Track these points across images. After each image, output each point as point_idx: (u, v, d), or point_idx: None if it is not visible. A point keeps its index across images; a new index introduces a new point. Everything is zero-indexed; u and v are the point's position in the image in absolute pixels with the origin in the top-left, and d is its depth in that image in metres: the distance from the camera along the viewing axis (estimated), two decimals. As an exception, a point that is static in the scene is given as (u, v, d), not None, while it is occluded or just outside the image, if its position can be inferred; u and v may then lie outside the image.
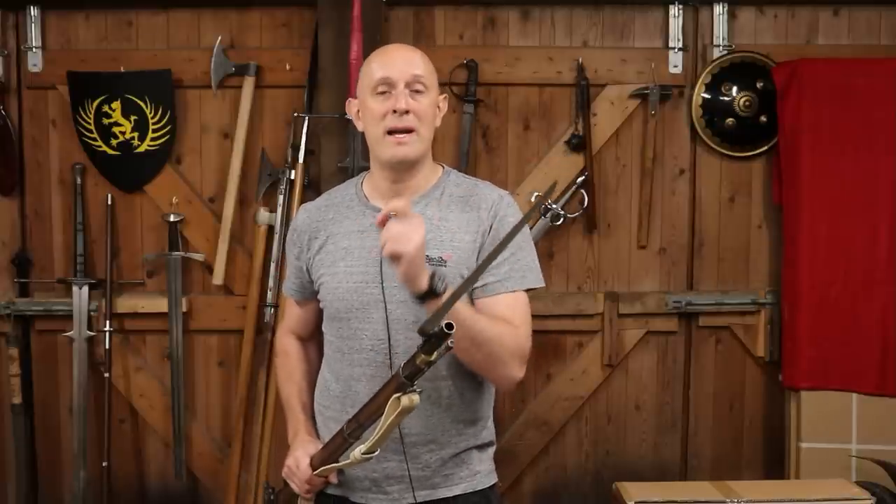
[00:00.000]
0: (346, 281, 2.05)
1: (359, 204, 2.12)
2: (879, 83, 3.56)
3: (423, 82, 2.02)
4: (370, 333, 2.01)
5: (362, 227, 2.07)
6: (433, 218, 2.02)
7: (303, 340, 2.32)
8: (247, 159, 3.67)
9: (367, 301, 2.02)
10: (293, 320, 2.31)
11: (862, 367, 3.60)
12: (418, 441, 2.03)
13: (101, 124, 3.65)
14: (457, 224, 2.03)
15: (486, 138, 3.74)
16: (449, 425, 2.05)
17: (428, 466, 2.05)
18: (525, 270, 2.04)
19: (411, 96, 2.00)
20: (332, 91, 3.50)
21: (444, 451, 2.06)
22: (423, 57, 2.07)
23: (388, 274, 1.96)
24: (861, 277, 3.60)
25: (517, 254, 2.03)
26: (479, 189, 2.11)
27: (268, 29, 3.71)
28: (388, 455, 2.00)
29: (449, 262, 1.97)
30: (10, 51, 3.69)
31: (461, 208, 2.05)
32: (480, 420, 2.12)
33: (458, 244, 2.01)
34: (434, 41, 3.71)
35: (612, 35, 3.74)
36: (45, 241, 3.76)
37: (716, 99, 3.71)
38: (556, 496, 3.86)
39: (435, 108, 2.07)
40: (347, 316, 2.05)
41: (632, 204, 3.77)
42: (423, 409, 1.95)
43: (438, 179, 2.10)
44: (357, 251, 2.05)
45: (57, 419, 3.81)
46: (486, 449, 2.15)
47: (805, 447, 3.60)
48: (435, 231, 2.00)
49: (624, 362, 3.81)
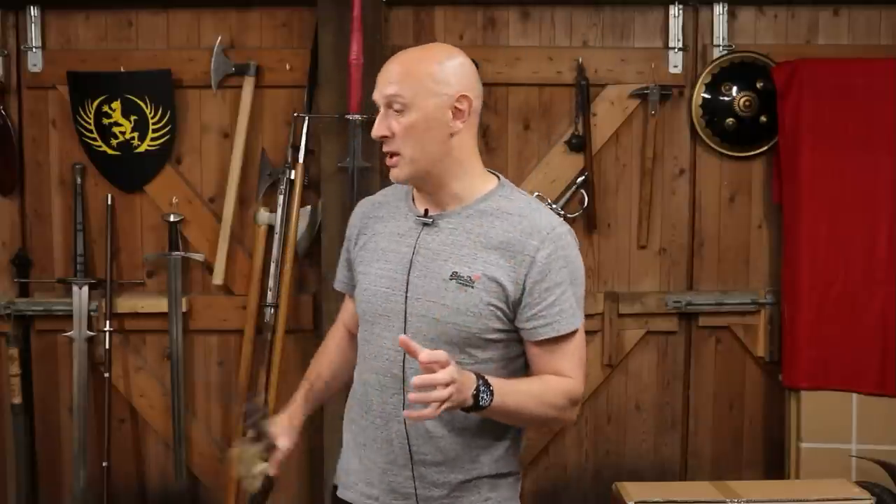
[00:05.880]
0: (376, 284, 1.96)
1: (405, 205, 2.00)
2: (879, 83, 3.56)
3: (400, 101, 1.85)
4: (389, 342, 1.91)
5: (402, 231, 1.97)
6: (471, 232, 1.89)
7: (352, 335, 2.17)
8: (247, 159, 3.67)
9: (391, 309, 1.93)
10: (346, 313, 2.20)
11: (862, 367, 3.60)
12: (428, 461, 1.94)
13: (101, 124, 3.65)
14: (496, 245, 1.87)
15: (486, 138, 3.74)
16: (462, 450, 1.93)
17: (436, 487, 1.95)
18: (574, 308, 1.90)
19: (393, 116, 1.87)
20: (332, 91, 3.50)
21: (454, 476, 1.94)
22: (410, 68, 1.88)
23: (414, 283, 1.90)
24: (861, 277, 3.60)
25: (567, 292, 1.89)
26: (533, 212, 1.92)
27: (268, 29, 3.70)
28: (398, 469, 1.95)
29: (476, 282, 1.86)
30: (10, 51, 3.69)
31: (507, 228, 1.88)
32: (498, 448, 1.97)
33: (492, 267, 1.86)
34: (434, 41, 3.70)
35: (612, 35, 3.74)
36: (45, 241, 3.76)
37: (716, 99, 3.71)
38: (556, 496, 3.86)
39: (430, 122, 1.86)
40: (371, 320, 1.97)
41: (632, 204, 3.77)
42: (436, 429, 1.90)
43: (489, 192, 1.93)
44: (392, 255, 1.95)
45: (57, 419, 3.81)
46: (504, 479, 2.00)
47: (805, 447, 3.60)
48: (470, 247, 1.88)
49: (624, 362, 3.81)
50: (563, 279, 1.88)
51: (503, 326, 1.89)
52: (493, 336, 1.89)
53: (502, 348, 1.92)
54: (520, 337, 1.92)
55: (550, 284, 1.86)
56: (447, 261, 1.89)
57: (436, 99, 1.86)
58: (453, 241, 1.90)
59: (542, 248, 1.86)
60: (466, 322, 1.87)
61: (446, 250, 1.90)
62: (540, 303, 1.87)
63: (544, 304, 1.87)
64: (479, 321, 1.87)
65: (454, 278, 1.87)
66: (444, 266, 1.89)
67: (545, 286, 1.86)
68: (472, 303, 1.86)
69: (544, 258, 1.86)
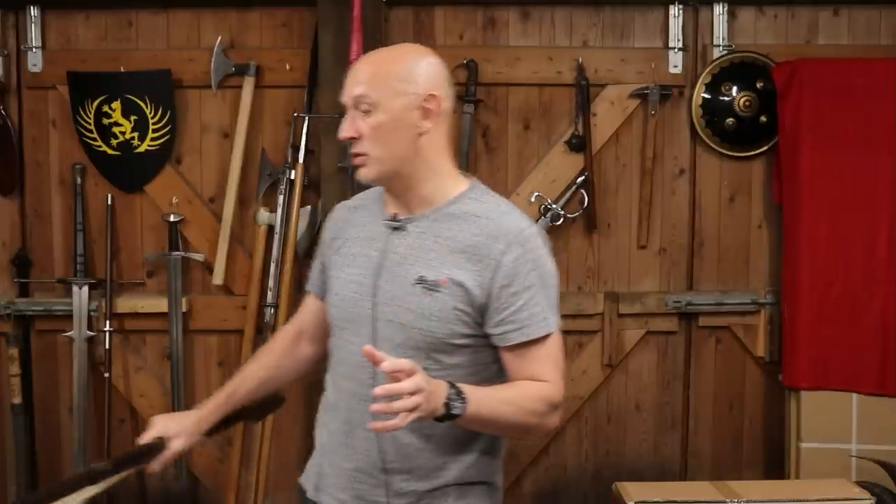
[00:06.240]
0: (345, 289, 1.95)
1: (378, 208, 1.98)
2: (879, 83, 3.56)
3: (367, 102, 1.84)
4: (357, 348, 1.82)
5: (372, 235, 1.94)
6: (440, 235, 1.87)
7: (304, 336, 2.17)
8: (247, 159, 3.67)
9: (359, 314, 1.91)
10: (304, 310, 2.18)
11: (862, 367, 3.59)
12: (395, 468, 1.90)
13: (101, 124, 3.65)
14: (463, 248, 1.85)
15: (486, 138, 3.74)
16: (430, 457, 1.89)
17: (403, 495, 1.91)
18: (546, 311, 1.86)
19: (360, 117, 1.85)
20: (332, 91, 3.47)
21: (421, 484, 1.90)
22: (377, 69, 1.87)
23: (382, 288, 1.88)
24: (861, 277, 3.60)
25: (537, 296, 1.85)
26: (502, 214, 1.89)
27: (268, 29, 3.71)
28: (364, 476, 1.92)
29: (443, 287, 1.83)
30: (10, 51, 3.69)
31: (475, 231, 1.86)
32: (468, 455, 1.92)
33: (458, 271, 1.84)
34: (434, 41, 3.70)
35: (612, 35, 3.74)
36: (45, 241, 3.76)
37: (716, 99, 3.71)
38: (556, 496, 3.86)
39: (398, 122, 1.84)
40: (341, 325, 1.96)
41: (632, 204, 3.77)
42: (403, 436, 1.86)
43: (459, 195, 1.90)
44: (362, 259, 1.94)
45: (57, 419, 3.81)
46: (473, 487, 1.94)
47: (805, 447, 3.60)
48: (438, 251, 1.86)
49: (624, 362, 3.81)
50: (532, 282, 1.84)
51: (470, 331, 1.86)
52: (460, 341, 1.86)
53: (471, 354, 1.88)
54: (491, 343, 1.88)
55: (518, 288, 1.83)
56: (414, 265, 1.87)
57: (403, 99, 1.85)
58: (421, 244, 1.88)
59: (509, 251, 1.84)
60: (431, 327, 1.84)
61: (413, 254, 1.88)
62: (508, 307, 1.83)
63: (513, 309, 1.83)
64: (444, 326, 1.84)
65: (420, 283, 1.85)
66: (410, 270, 1.87)
67: (513, 290, 1.83)
68: (438, 307, 1.84)
69: (511, 262, 1.83)
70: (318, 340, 2.15)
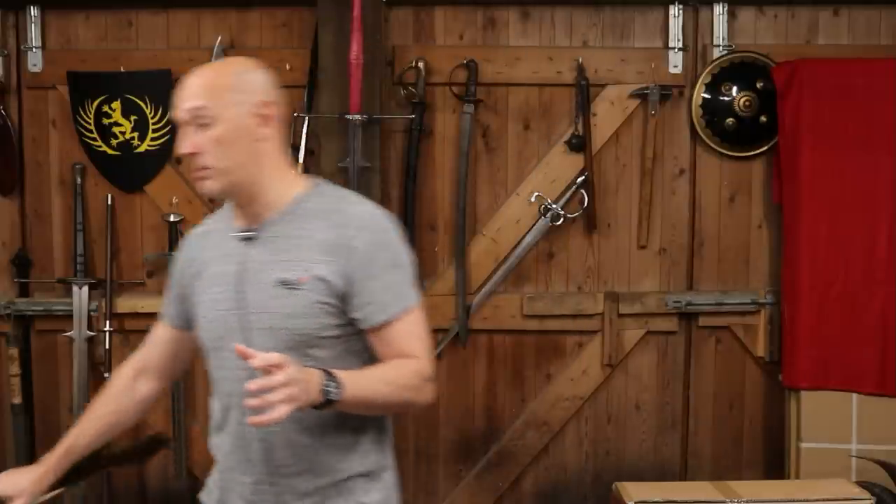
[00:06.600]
0: (212, 310, 1.97)
1: (228, 226, 2.00)
2: (879, 83, 3.56)
3: (204, 115, 1.85)
4: (234, 364, 1.84)
5: (228, 251, 1.96)
6: (291, 236, 1.90)
7: (146, 373, 2.19)
8: (247, 159, 3.66)
9: (229, 329, 1.93)
10: (151, 346, 2.19)
11: (862, 367, 3.60)
12: (291, 471, 1.93)
13: (101, 124, 3.65)
14: (317, 243, 1.89)
15: (486, 138, 3.74)
16: (324, 452, 1.92)
17: (307, 496, 1.93)
18: (404, 288, 1.92)
19: (198, 132, 1.86)
20: (332, 91, 3.50)
21: (321, 480, 1.94)
22: (209, 81, 1.89)
23: (246, 299, 1.91)
24: (861, 277, 3.60)
25: (394, 275, 1.91)
26: (347, 204, 1.95)
27: (268, 29, 3.71)
28: (267, 487, 1.95)
29: (304, 284, 1.87)
30: (10, 51, 3.69)
31: (325, 225, 1.90)
32: (363, 444, 1.96)
33: (315, 266, 1.88)
34: (434, 41, 3.71)
35: (612, 35, 3.74)
36: (45, 241, 3.76)
37: (716, 99, 3.71)
38: (556, 496, 3.86)
39: (237, 130, 1.87)
40: (215, 346, 1.99)
41: (632, 204, 3.77)
42: (295, 437, 1.90)
43: (301, 194, 1.95)
44: (222, 277, 1.95)
45: (57, 419, 3.80)
46: (379, 477, 1.99)
47: (805, 447, 3.60)
48: (294, 251, 1.89)
49: (624, 362, 3.81)
50: (386, 263, 1.90)
51: (339, 321, 1.90)
52: (330, 333, 1.90)
53: (342, 344, 1.92)
54: (359, 330, 1.92)
55: (374, 271, 1.88)
56: (273, 269, 1.89)
57: (240, 108, 1.88)
58: (276, 248, 1.91)
59: (360, 236, 1.89)
60: (299, 324, 1.87)
61: (270, 259, 1.90)
62: (367, 290, 1.88)
63: (371, 291, 1.88)
64: (313, 321, 1.87)
65: (281, 284, 1.87)
66: (270, 275, 1.89)
67: (369, 273, 1.88)
68: (303, 304, 1.86)
69: (363, 246, 1.88)
70: (161, 375, 2.21)
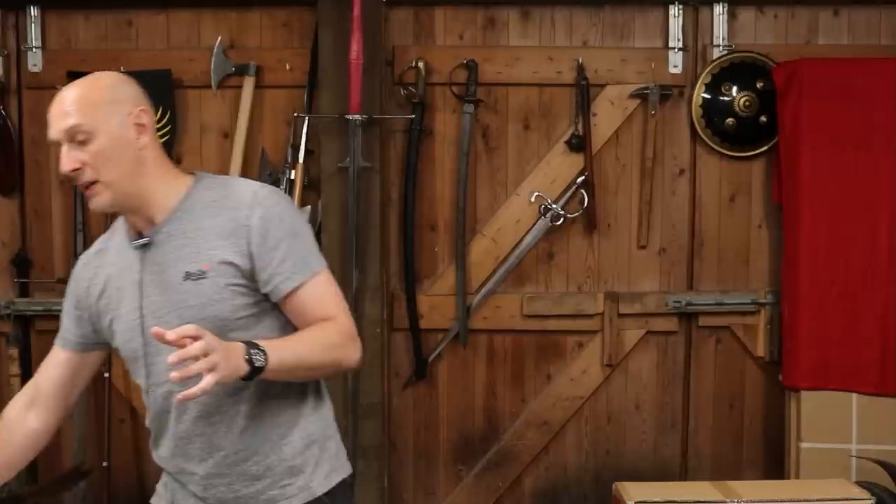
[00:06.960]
0: (127, 323, 1.98)
1: (123, 239, 2.02)
2: (879, 83, 3.56)
3: (82, 131, 1.86)
4: (162, 367, 1.86)
5: (128, 263, 1.98)
6: (187, 231, 1.93)
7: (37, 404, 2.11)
8: (247, 159, 3.67)
9: (148, 335, 1.90)
10: (45, 373, 2.12)
11: (862, 367, 3.59)
12: (241, 457, 1.96)
13: (101, 124, 3.64)
14: (213, 230, 1.92)
15: (486, 138, 3.74)
16: (267, 430, 1.96)
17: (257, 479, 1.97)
18: (307, 255, 1.96)
19: (78, 148, 1.87)
20: (332, 91, 3.50)
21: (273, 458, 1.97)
22: (82, 97, 1.89)
23: (157, 302, 1.93)
24: (861, 277, 3.60)
25: (294, 244, 1.94)
26: (233, 188, 1.99)
27: (268, 29, 3.71)
28: (218, 479, 1.97)
29: (209, 272, 1.90)
30: (10, 51, 3.69)
31: (216, 212, 1.93)
32: (304, 415, 2.01)
33: (216, 252, 1.91)
34: (434, 41, 3.71)
35: (612, 35, 3.74)
36: (45, 241, 3.76)
37: (716, 99, 3.71)
38: (556, 496, 3.86)
39: (118, 142, 1.89)
40: (137, 357, 1.99)
41: (632, 204, 3.77)
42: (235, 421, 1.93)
43: (187, 190, 1.97)
44: (128, 289, 1.97)
45: (57, 419, 3.80)
46: (324, 447, 2.03)
47: (805, 447, 3.60)
48: (192, 244, 1.92)
49: (624, 362, 3.81)
50: (284, 233, 1.92)
51: (252, 299, 1.93)
52: (245, 313, 1.92)
53: (260, 322, 1.94)
54: (274, 305, 1.95)
55: (274, 243, 1.90)
56: (176, 266, 1.91)
57: (117, 119, 1.90)
58: (175, 246, 1.93)
59: (253, 213, 1.91)
60: (213, 311, 1.89)
61: (172, 258, 1.92)
62: (271, 262, 1.90)
63: (275, 263, 1.90)
64: (226, 304, 1.89)
65: (188, 278, 1.90)
66: (175, 273, 1.91)
67: (269, 246, 1.90)
68: (213, 290, 1.89)
69: (258, 221, 1.91)
70: (55, 406, 2.12)
